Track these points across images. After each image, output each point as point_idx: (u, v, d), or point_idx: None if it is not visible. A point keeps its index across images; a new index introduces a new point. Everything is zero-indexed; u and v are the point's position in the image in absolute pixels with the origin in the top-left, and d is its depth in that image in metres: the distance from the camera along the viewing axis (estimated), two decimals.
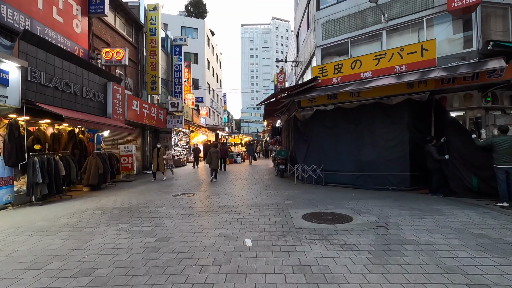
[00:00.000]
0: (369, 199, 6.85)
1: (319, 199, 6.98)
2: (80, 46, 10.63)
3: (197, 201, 6.94)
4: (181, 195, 7.85)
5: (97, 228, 4.75)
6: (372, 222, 4.79)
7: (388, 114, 8.54)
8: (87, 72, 9.51)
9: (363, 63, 8.97)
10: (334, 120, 9.62)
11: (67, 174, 7.78)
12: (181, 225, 4.83)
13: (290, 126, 12.33)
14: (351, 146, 9.18)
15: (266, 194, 7.79)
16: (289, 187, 9.07)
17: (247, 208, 6.03)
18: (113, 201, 7.20)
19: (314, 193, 7.80)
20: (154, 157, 11.58)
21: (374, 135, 8.73)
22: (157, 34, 17.08)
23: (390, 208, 5.82)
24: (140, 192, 8.49)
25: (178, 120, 17.24)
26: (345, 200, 6.70)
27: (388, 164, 8.40)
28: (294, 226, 4.61)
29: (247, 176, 12.30)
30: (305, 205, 6.28)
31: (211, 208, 6.17)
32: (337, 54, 11.22)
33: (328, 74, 9.69)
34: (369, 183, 8.66)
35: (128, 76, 15.16)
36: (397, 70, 8.34)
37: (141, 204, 6.66)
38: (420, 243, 3.75)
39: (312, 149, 10.17)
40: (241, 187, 9.31)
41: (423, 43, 7.97)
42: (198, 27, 32.23)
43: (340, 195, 7.43)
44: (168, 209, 6.13)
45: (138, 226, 4.80)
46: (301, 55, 15.93)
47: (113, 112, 10.76)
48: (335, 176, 9.42)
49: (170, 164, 11.93)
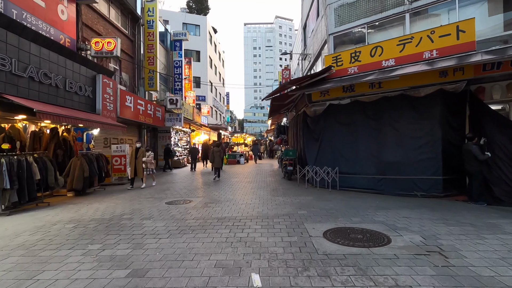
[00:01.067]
0: (399, 209, 5.67)
1: (339, 208, 5.82)
2: (66, 35, 9.57)
3: (193, 211, 5.82)
4: (175, 202, 6.74)
5: (58, 251, 3.65)
6: (419, 244, 3.62)
7: (415, 108, 7.34)
8: (71, 63, 8.45)
9: (384, 50, 7.78)
10: (350, 116, 8.44)
11: (43, 178, 6.72)
12: (167, 247, 3.71)
13: (299, 124, 11.18)
14: (371, 145, 8.00)
15: (274, 201, 6.65)
16: (300, 192, 7.92)
17: (253, 221, 4.89)
18: (95, 210, 6.11)
19: (330, 201, 6.64)
20: (131, 160, 9.52)
21: (398, 133, 7.54)
22: (155, 26, 16.03)
23: (431, 222, 4.64)
24: (130, 198, 7.40)
25: (177, 118, 16.16)
26: (371, 210, 5.53)
27: (416, 166, 7.20)
28: (316, 251, 3.47)
29: (251, 179, 11.17)
30: (323, 216, 5.12)
31: (209, 220, 5.04)
32: (352, 42, 10.04)
33: (344, 64, 8.51)
34: (393, 188, 7.47)
35: (124, 71, 14.13)
36: (426, 57, 7.14)
37: (126, 215, 5.56)
38: (509, 284, 2.59)
39: (324, 149, 9.00)
40: (245, 192, 8.18)
41: (459, 23, 6.77)
42: (200, 23, 31.21)
43: (362, 203, 6.26)
44: (156, 221, 5.02)
45: (111, 249, 3.69)
46: (309, 47, 14.75)
47: (103, 108, 9.69)
48: (352, 179, 8.24)
49: (150, 169, 9.70)
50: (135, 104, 12.21)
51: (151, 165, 9.69)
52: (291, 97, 10.57)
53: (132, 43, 15.08)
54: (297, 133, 11.75)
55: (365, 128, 8.13)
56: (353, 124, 8.40)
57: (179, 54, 20.55)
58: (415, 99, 7.31)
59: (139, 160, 9.40)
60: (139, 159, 9.40)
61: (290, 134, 14.51)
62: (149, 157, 9.56)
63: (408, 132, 7.39)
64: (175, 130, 18.09)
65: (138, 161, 9.41)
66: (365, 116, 8.15)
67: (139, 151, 9.51)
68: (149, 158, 9.56)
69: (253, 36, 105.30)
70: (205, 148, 16.79)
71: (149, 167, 9.64)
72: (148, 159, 9.51)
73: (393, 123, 7.65)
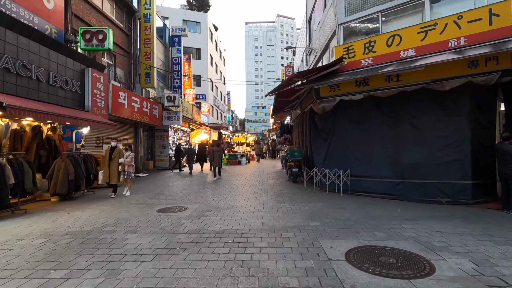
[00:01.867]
0: (427, 219, 4.85)
1: (356, 218, 5.00)
2: (53, 25, 8.79)
3: (187, 221, 5.02)
4: (168, 210, 5.95)
5: (8, 281, 2.86)
6: (473, 274, 2.81)
7: (439, 104, 6.51)
8: (56, 54, 7.68)
9: (403, 39, 6.95)
10: (363, 113, 7.62)
11: (18, 182, 5.93)
12: (148, 276, 2.91)
13: (304, 122, 10.36)
14: (387, 145, 7.18)
15: (281, 209, 5.84)
16: (308, 198, 7.11)
17: (257, 237, 4.09)
18: (75, 219, 5.32)
19: (344, 208, 5.82)
20: (105, 161, 7.86)
21: (419, 131, 6.71)
22: (152, 20, 15.26)
23: (474, 239, 3.82)
24: (118, 204, 6.61)
25: (175, 117, 15.37)
26: (396, 222, 4.72)
27: (440, 168, 6.37)
28: (341, 284, 2.66)
29: (253, 181, 10.36)
30: (340, 230, 4.31)
31: (204, 235, 4.24)
32: (364, 33, 9.21)
33: (356, 55, 7.69)
34: (413, 193, 6.64)
35: (119, 67, 13.36)
36: (452, 45, 6.30)
37: (108, 226, 4.76)
38: None
39: (334, 150, 8.18)
40: (247, 196, 7.38)
41: (492, 6, 5.93)
42: (201, 20, 30.42)
43: (382, 212, 5.44)
44: (142, 236, 4.23)
45: (77, 277, 2.90)
46: (314, 41, 13.92)
47: (93, 105, 8.92)
48: (365, 183, 7.42)
49: (128, 172, 7.95)
50: (130, 101, 11.43)
51: (129, 168, 7.98)
52: (297, 93, 9.76)
53: (128, 38, 14.31)
54: (302, 132, 10.94)
55: (380, 126, 7.31)
56: (366, 121, 7.58)
57: (178, 50, 19.77)
58: (439, 94, 6.48)
59: (113, 162, 7.79)
60: (114, 160, 7.80)
61: (294, 134, 13.68)
62: (127, 158, 7.94)
63: (430, 130, 6.56)
64: (173, 129, 17.31)
65: (113, 163, 7.79)
66: (380, 112, 7.32)
67: (115, 151, 7.87)
68: (128, 160, 7.92)
69: (255, 35, 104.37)
70: (201, 149, 14.76)
71: (126, 170, 7.93)
72: (126, 161, 7.88)
73: (413, 121, 6.82)
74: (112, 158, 7.80)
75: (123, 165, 7.87)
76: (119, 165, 7.84)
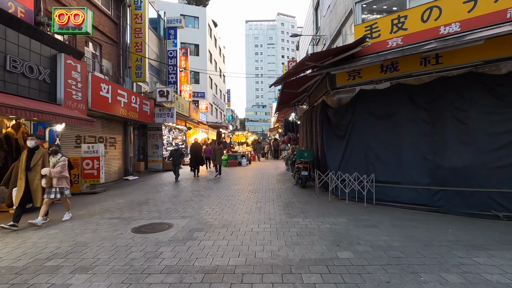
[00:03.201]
0: (501, 245, 3.47)
1: (401, 245, 3.62)
2: (20, 3, 7.41)
3: (167, 249, 3.64)
4: (146, 229, 4.57)
5: None
6: None
7: (493, 91, 5.13)
8: (16, 34, 6.31)
9: (444, 11, 5.58)
10: (390, 105, 6.25)
11: None
12: None
13: (314, 118, 8.99)
14: (422, 145, 5.80)
15: (294, 228, 4.46)
16: (325, 209, 5.73)
17: (265, 282, 2.71)
18: (16, 245, 3.94)
19: (376, 227, 4.44)
20: (20, 171, 4.79)
21: (466, 127, 5.32)
22: (143, 8, 13.86)
23: None
24: (87, 219, 5.24)
25: (168, 114, 14.00)
26: (460, 252, 3.33)
27: (496, 174, 4.99)
28: None
29: (256, 186, 8.97)
30: (387, 269, 2.94)
31: (186, 278, 2.87)
32: (386, 11, 7.83)
33: (382, 34, 6.32)
34: (458, 205, 5.26)
35: (106, 58, 11.97)
36: (510, 16, 4.94)
37: (54, 259, 3.39)
38: None
39: (353, 150, 6.81)
40: (249, 207, 6.00)
41: None
42: (199, 15, 29.08)
43: (429, 233, 4.06)
44: (94, 279, 2.85)
45: None
46: (323, 29, 12.53)
47: (66, 97, 7.55)
48: (393, 191, 6.04)
49: (60, 188, 5.04)
50: (115, 95, 10.05)
51: (60, 182, 5.03)
52: (307, 83, 8.39)
53: (116, 26, 12.92)
54: (311, 129, 9.56)
55: (412, 121, 5.92)
56: (394, 115, 6.20)
57: (173, 43, 18.38)
58: (492, 79, 5.12)
59: (33, 174, 4.81)
60: (35, 171, 4.83)
61: (301, 132, 12.30)
62: (57, 166, 4.95)
63: (482, 125, 5.18)
64: (168, 127, 15.94)
65: (33, 176, 4.81)
66: (412, 104, 5.94)
67: (35, 155, 4.87)
68: (57, 169, 4.92)
69: (255, 34, 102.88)
70: (195, 150, 11.86)
71: (55, 186, 4.97)
72: (55, 170, 4.89)
73: (457, 113, 5.43)
74: (31, 168, 4.82)
75: (49, 178, 4.91)
76: (43, 177, 4.89)
